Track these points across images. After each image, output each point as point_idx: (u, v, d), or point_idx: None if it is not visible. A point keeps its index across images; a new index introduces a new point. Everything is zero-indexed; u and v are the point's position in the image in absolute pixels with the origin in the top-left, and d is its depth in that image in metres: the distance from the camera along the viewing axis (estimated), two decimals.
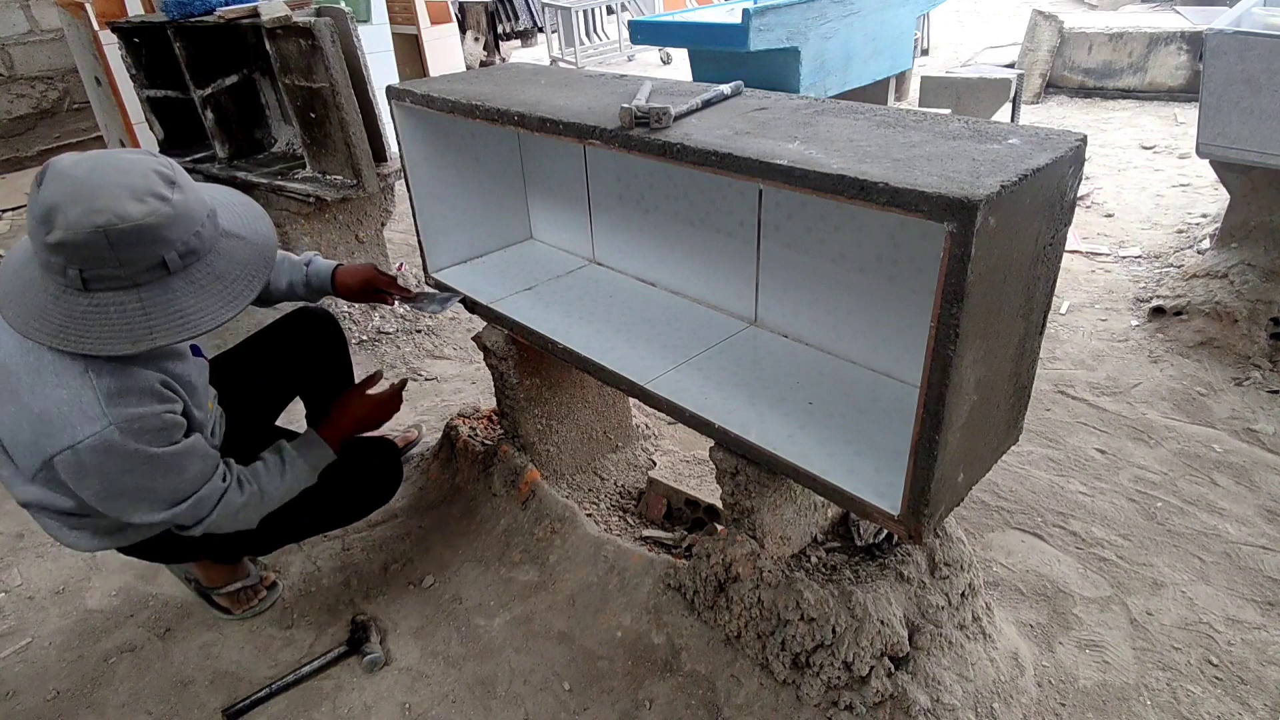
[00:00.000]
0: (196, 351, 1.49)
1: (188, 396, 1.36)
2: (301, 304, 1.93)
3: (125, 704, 1.70)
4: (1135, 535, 1.95)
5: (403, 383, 1.80)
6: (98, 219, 1.10)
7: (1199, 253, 3.03)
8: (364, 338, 3.07)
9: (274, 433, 1.89)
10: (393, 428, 2.41)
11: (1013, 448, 1.36)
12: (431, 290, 1.94)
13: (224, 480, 1.41)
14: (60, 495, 1.34)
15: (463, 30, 6.77)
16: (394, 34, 4.63)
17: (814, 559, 1.56)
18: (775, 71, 3.62)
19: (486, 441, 2.12)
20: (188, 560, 1.80)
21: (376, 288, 1.80)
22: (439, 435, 2.28)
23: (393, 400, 1.75)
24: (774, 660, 1.49)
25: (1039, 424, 2.38)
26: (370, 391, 1.76)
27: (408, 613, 1.83)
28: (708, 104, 1.36)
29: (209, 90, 3.10)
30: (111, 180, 1.14)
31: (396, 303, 1.85)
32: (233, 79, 3.15)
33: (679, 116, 1.27)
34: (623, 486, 2.15)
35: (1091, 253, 3.44)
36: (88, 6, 4.17)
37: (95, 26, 4.21)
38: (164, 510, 1.33)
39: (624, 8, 8.41)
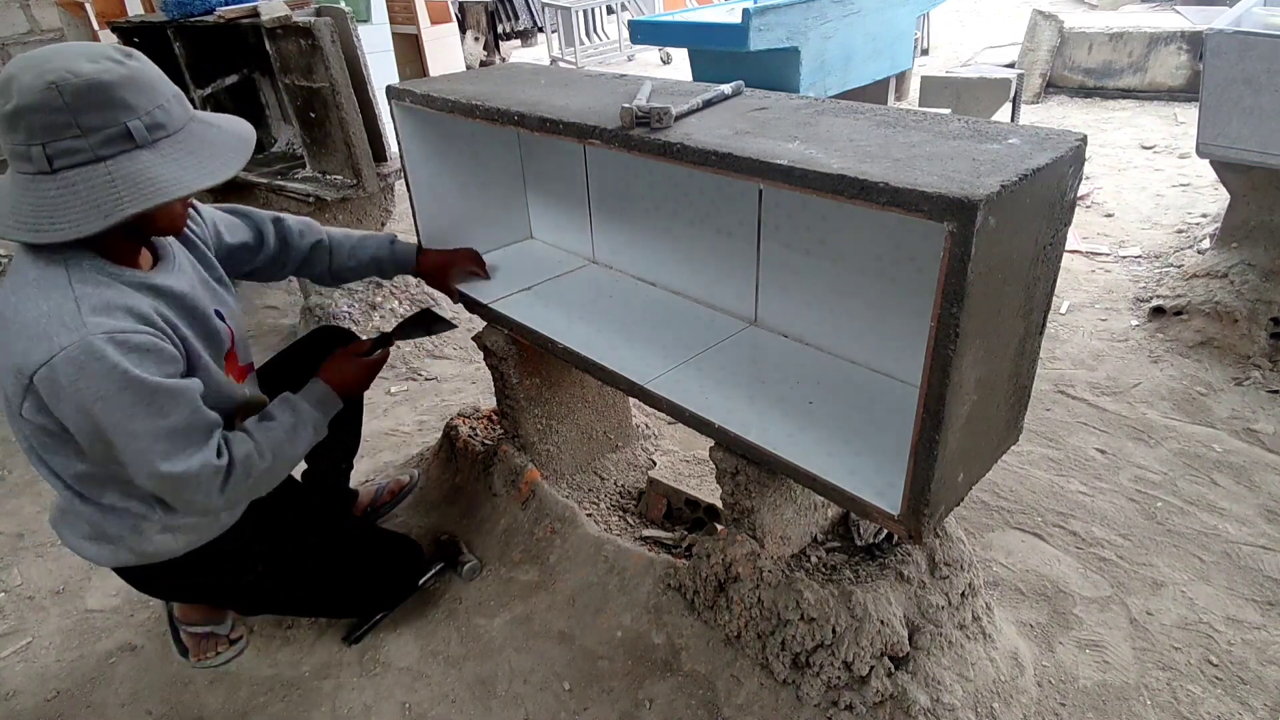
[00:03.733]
0: (221, 316, 1.43)
1: (196, 347, 1.29)
2: (323, 324, 1.92)
3: (125, 704, 1.70)
4: (1135, 535, 1.95)
5: (386, 353, 1.74)
6: (49, 75, 1.07)
7: (1199, 253, 3.03)
8: (364, 338, 3.07)
9: None
10: (383, 475, 2.34)
11: (1013, 448, 1.36)
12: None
13: (219, 456, 1.29)
14: (48, 437, 1.24)
15: (463, 30, 6.77)
16: (394, 34, 4.63)
17: (814, 559, 1.55)
18: (775, 71, 3.63)
19: (486, 441, 2.12)
20: (183, 600, 1.74)
21: (456, 265, 1.84)
22: (439, 435, 2.28)
23: (379, 364, 1.71)
24: (774, 660, 1.49)
25: (1039, 424, 2.38)
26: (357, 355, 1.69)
27: (408, 612, 1.83)
28: (708, 104, 1.36)
29: (209, 90, 3.10)
30: (67, 49, 1.12)
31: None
32: (233, 79, 3.16)
33: (679, 116, 1.27)
34: (623, 486, 2.15)
35: (1091, 253, 3.44)
36: (88, 6, 4.17)
37: (95, 26, 4.21)
38: (148, 465, 1.20)
39: (624, 8, 8.41)
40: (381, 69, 3.91)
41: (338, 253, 1.76)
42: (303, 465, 1.96)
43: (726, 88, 1.41)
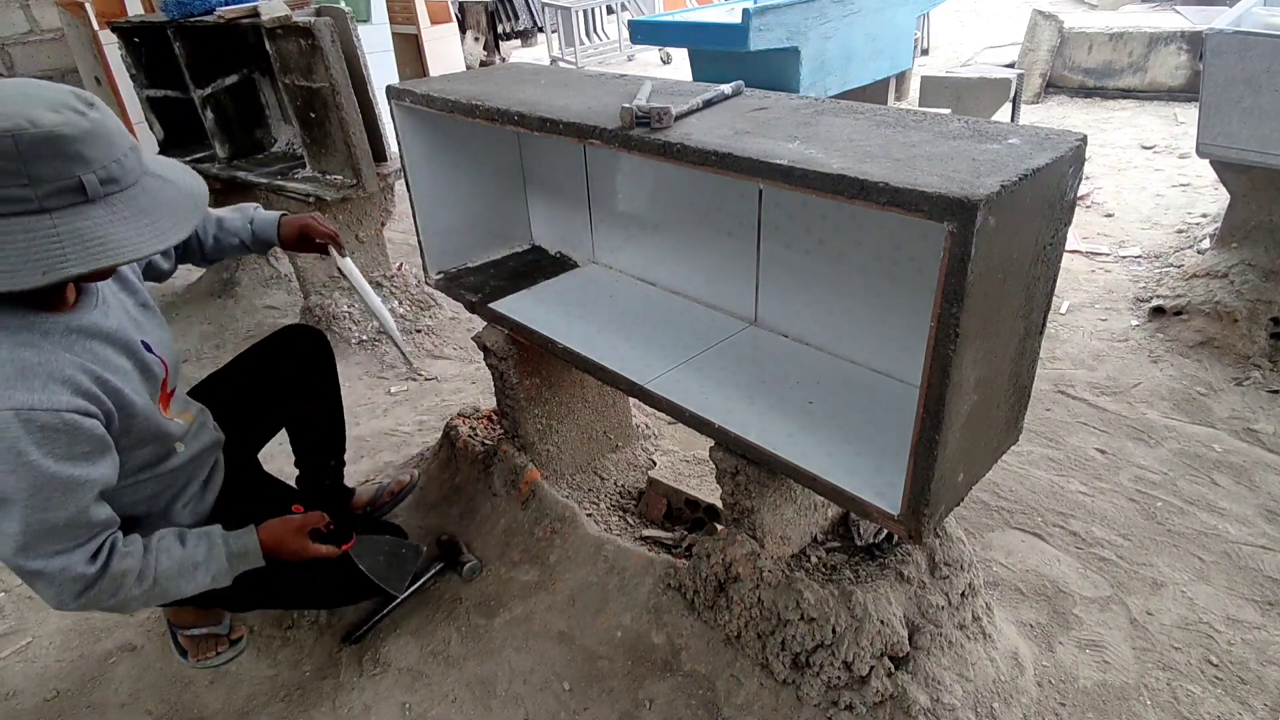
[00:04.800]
0: (149, 348, 1.36)
1: (129, 396, 1.23)
2: (291, 322, 1.88)
3: (125, 704, 1.70)
4: (1135, 535, 1.95)
5: (334, 551, 1.55)
6: (5, 123, 0.99)
7: (1199, 253, 3.03)
8: (364, 338, 3.07)
9: (257, 468, 1.83)
10: (383, 475, 2.31)
11: (1013, 448, 1.36)
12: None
13: (93, 561, 1.20)
14: None
15: (463, 30, 6.77)
16: (394, 34, 4.63)
17: (814, 559, 1.55)
18: (775, 71, 3.63)
19: (486, 441, 2.12)
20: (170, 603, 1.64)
21: (313, 237, 1.73)
22: (439, 435, 2.28)
23: (320, 556, 1.52)
24: (774, 660, 1.49)
25: (1039, 424, 2.38)
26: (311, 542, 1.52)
27: (407, 612, 1.83)
28: (708, 104, 1.36)
29: (209, 90, 3.10)
30: (27, 92, 1.04)
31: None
32: (233, 79, 3.16)
33: (680, 116, 1.27)
34: (623, 486, 2.15)
35: (1091, 253, 3.44)
36: (88, 6, 4.17)
37: (95, 26, 4.21)
38: (15, 547, 1.13)
39: (624, 8, 8.41)
40: (381, 69, 3.91)
41: (204, 242, 1.67)
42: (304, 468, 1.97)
43: (726, 88, 1.41)
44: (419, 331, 3.13)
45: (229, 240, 1.69)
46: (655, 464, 2.20)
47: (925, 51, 6.98)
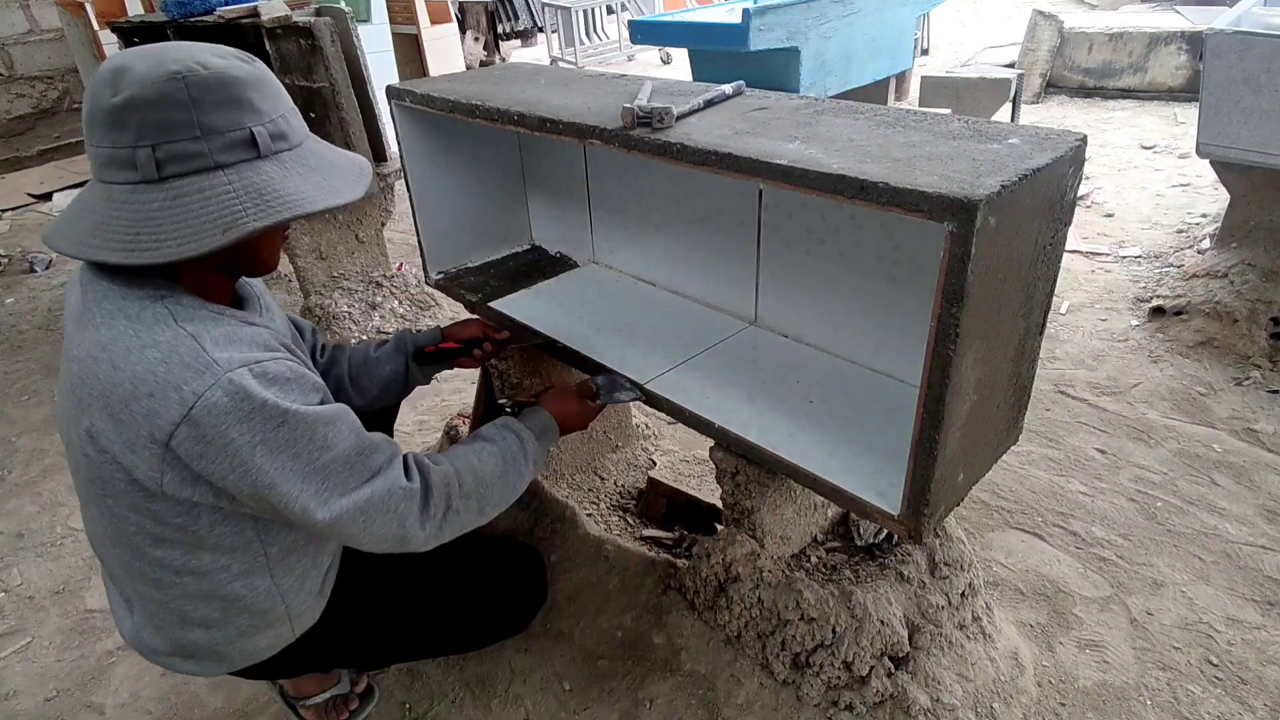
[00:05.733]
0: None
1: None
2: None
3: (125, 704, 1.70)
4: (1135, 535, 1.95)
5: (601, 407, 1.49)
6: (175, 66, 0.92)
7: (1199, 253, 3.03)
8: (363, 338, 3.07)
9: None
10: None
11: (1013, 448, 1.36)
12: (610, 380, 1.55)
13: (409, 478, 1.10)
14: (182, 516, 1.04)
15: (463, 30, 6.76)
16: (394, 34, 4.62)
17: (814, 559, 1.55)
18: (775, 71, 3.63)
19: None
20: (289, 676, 1.50)
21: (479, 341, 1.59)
22: (439, 435, 2.28)
23: (596, 413, 1.49)
24: (774, 660, 1.49)
25: (1039, 424, 2.38)
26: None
27: None
28: (709, 104, 1.36)
29: None
30: (187, 46, 0.98)
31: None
32: None
33: (681, 116, 1.27)
34: (623, 486, 2.15)
35: (1091, 253, 3.44)
36: (88, 6, 4.17)
37: (95, 26, 4.22)
38: (324, 500, 1.02)
39: (624, 8, 8.41)
40: (381, 69, 3.91)
41: (354, 383, 1.51)
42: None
43: (727, 88, 1.41)
44: (419, 332, 3.13)
45: (375, 376, 1.50)
46: (655, 464, 2.20)
47: (925, 51, 6.98)
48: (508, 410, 1.42)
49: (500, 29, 8.15)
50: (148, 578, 1.11)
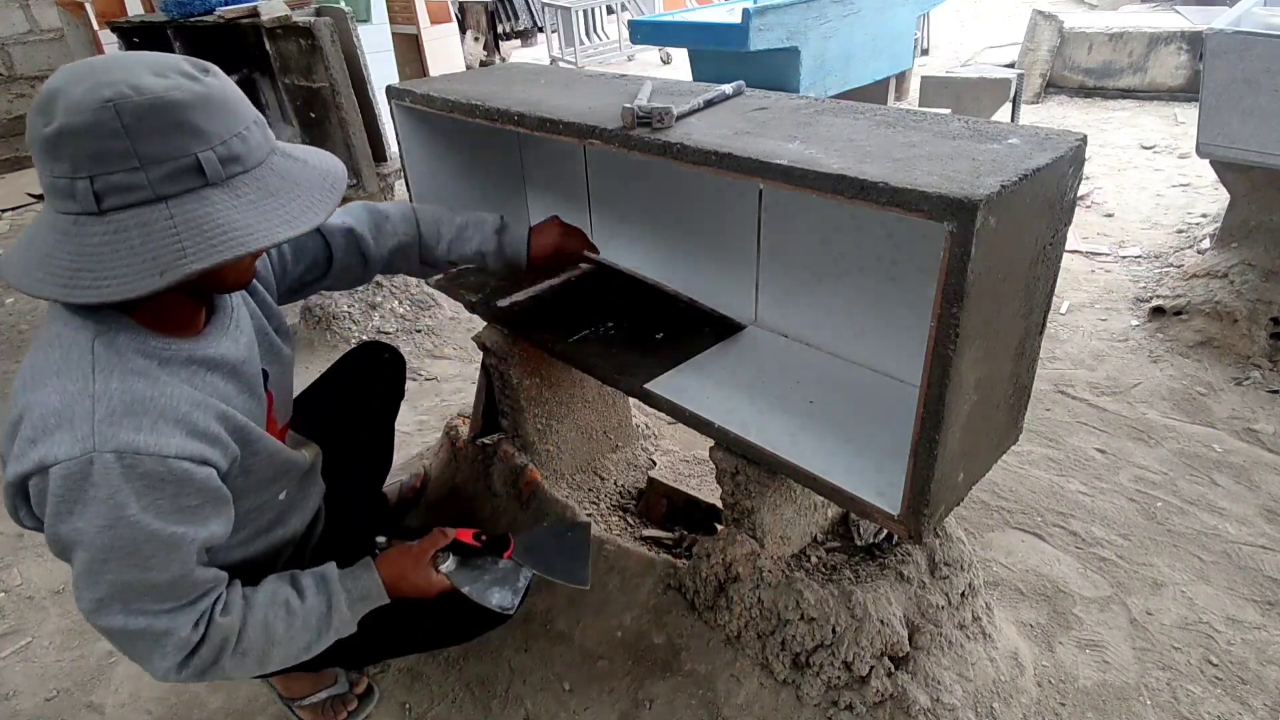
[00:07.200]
0: (265, 379, 1.20)
1: (255, 431, 1.09)
2: (372, 340, 1.74)
3: (125, 704, 1.70)
4: (1135, 535, 1.95)
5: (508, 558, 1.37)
6: (104, 91, 0.84)
7: (1199, 253, 3.03)
8: (363, 338, 3.07)
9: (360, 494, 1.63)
10: (393, 476, 2.20)
11: (1013, 448, 1.36)
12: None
13: (195, 628, 1.03)
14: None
15: (463, 30, 6.76)
16: (394, 34, 4.62)
17: (814, 559, 1.55)
18: (775, 71, 3.63)
19: (486, 441, 2.12)
20: (282, 673, 1.41)
21: (570, 258, 1.59)
22: (439, 435, 2.28)
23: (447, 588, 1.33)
24: (774, 660, 1.49)
25: (1039, 424, 2.38)
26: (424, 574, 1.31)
27: None
28: (709, 104, 1.36)
29: None
30: (129, 60, 0.90)
31: None
32: (233, 79, 3.15)
33: (681, 116, 1.27)
34: (623, 486, 2.15)
35: (1091, 253, 3.44)
36: (88, 6, 4.17)
37: (95, 26, 4.22)
38: (98, 606, 0.97)
39: (624, 8, 8.41)
40: (381, 69, 3.90)
41: (428, 251, 1.49)
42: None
43: (727, 88, 1.41)
44: (419, 331, 3.13)
45: (465, 249, 1.47)
46: (655, 464, 2.20)
47: (925, 51, 6.98)
48: (378, 546, 1.34)
49: (500, 29, 8.16)
50: None
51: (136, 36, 3.19)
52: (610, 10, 8.58)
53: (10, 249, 0.98)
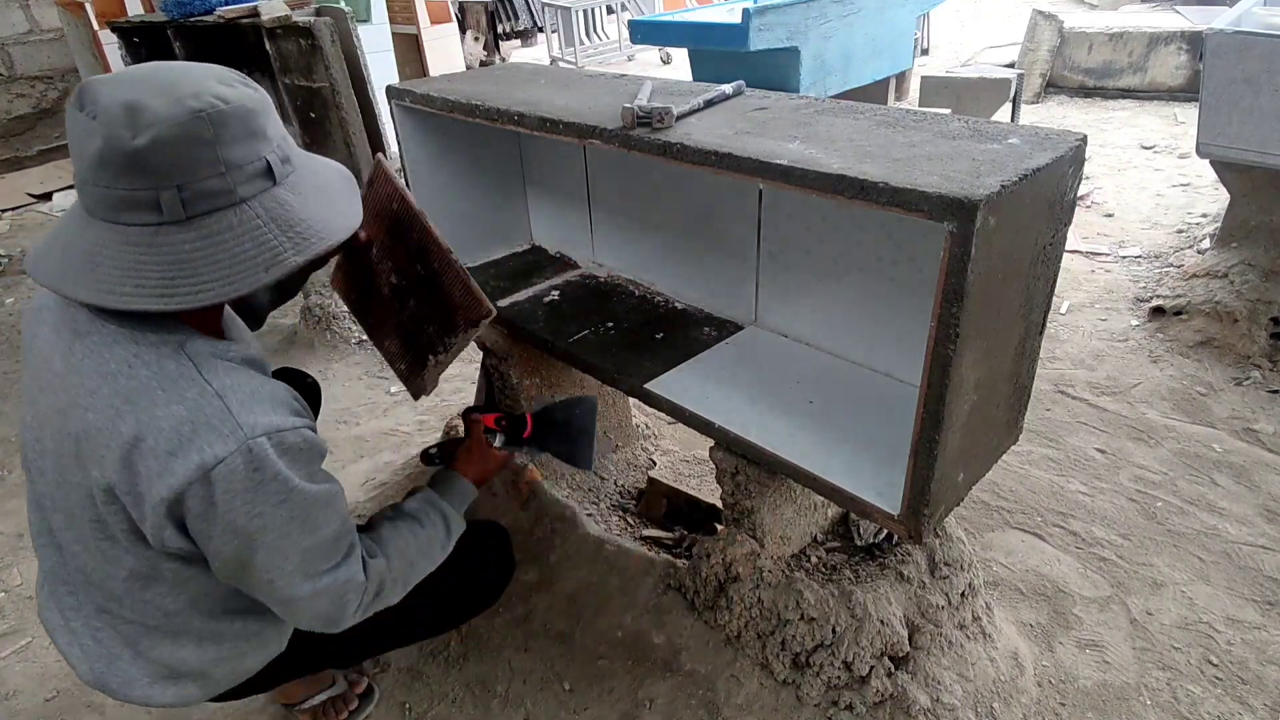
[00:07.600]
0: None
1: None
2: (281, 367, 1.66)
3: (124, 704, 1.69)
4: (1135, 535, 1.95)
5: (512, 455, 1.49)
6: (195, 103, 0.88)
7: (1199, 253, 3.03)
8: (363, 338, 3.07)
9: None
10: (382, 474, 2.23)
11: (1013, 448, 1.36)
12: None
13: (362, 567, 1.11)
14: (170, 563, 1.04)
15: (463, 30, 6.76)
16: (394, 34, 4.63)
17: (814, 559, 1.56)
18: (775, 71, 3.63)
19: None
20: (268, 690, 1.42)
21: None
22: (439, 435, 2.28)
23: (507, 461, 1.48)
24: (774, 660, 1.49)
25: (1039, 424, 2.38)
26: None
27: None
28: (709, 104, 1.36)
29: None
30: (185, 72, 0.92)
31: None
32: None
33: (681, 116, 1.27)
34: (623, 486, 2.15)
35: (1091, 253, 3.44)
36: (88, 6, 4.17)
37: (95, 26, 4.22)
38: (290, 580, 1.02)
39: (624, 8, 8.41)
40: (381, 69, 3.91)
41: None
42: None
43: (727, 88, 1.41)
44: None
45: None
46: (655, 464, 2.20)
47: (925, 51, 6.97)
48: (433, 455, 1.49)
49: (500, 29, 8.15)
50: (125, 618, 1.10)
51: (136, 36, 3.19)
52: (610, 10, 8.57)
53: (47, 265, 0.95)
